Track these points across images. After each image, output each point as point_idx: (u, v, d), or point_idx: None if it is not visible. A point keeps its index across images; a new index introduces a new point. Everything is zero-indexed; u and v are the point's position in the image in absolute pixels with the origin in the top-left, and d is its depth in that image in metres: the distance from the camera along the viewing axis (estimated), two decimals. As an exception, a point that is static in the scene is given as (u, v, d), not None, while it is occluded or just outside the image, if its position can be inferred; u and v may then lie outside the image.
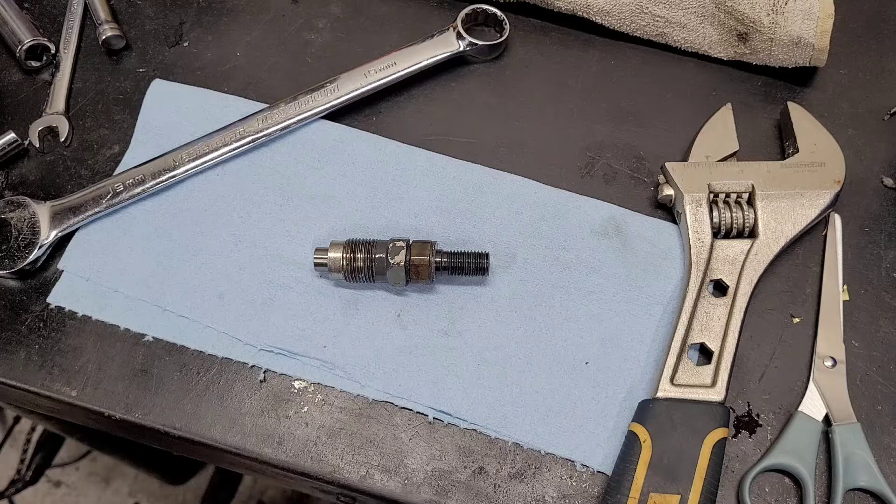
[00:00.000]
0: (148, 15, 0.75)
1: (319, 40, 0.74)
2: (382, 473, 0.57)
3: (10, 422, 1.62)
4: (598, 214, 0.65)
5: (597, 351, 0.60)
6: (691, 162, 0.65)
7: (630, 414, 0.57)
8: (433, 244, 0.61)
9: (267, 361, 0.60)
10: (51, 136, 0.69)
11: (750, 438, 0.58)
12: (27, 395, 0.61)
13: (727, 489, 0.56)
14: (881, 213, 0.66)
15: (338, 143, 0.68)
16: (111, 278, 0.63)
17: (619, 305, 0.62)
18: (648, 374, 0.59)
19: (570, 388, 0.59)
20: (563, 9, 0.72)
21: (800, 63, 0.69)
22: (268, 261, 0.63)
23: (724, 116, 0.68)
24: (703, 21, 0.70)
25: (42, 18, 0.75)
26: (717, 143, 0.66)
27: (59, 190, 0.67)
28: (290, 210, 0.65)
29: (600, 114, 0.70)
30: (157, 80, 0.70)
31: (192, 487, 1.57)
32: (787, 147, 0.67)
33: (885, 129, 0.70)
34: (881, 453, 0.57)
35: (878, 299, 0.63)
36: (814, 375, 0.59)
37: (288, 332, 0.61)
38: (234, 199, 0.66)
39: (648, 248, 0.64)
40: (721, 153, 0.66)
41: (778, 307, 0.62)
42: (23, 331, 0.61)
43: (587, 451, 0.57)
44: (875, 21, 0.75)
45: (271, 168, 0.67)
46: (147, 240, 0.64)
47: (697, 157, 0.66)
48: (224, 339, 0.61)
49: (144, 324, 0.61)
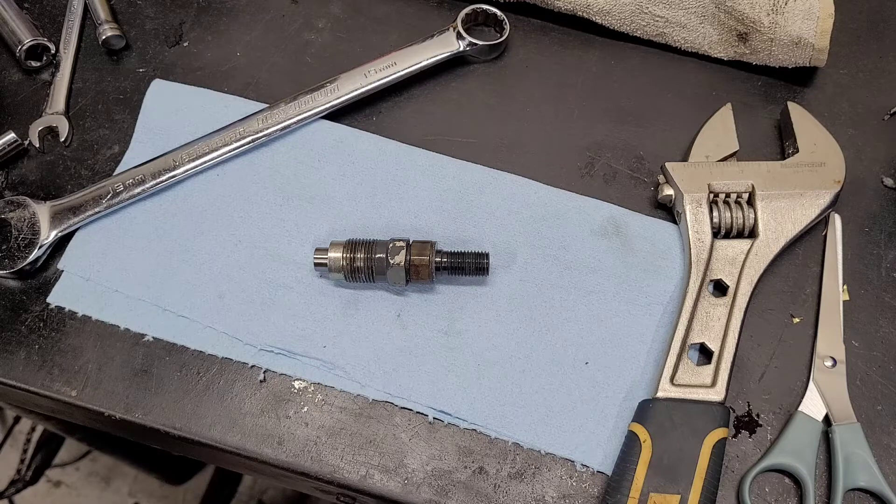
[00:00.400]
0: (148, 15, 0.75)
1: (319, 40, 0.74)
2: (382, 473, 0.57)
3: (10, 422, 1.62)
4: (598, 214, 0.65)
5: (597, 351, 0.60)
6: (691, 162, 0.65)
7: (630, 414, 0.57)
8: (433, 244, 0.61)
9: (267, 361, 0.60)
10: (51, 136, 0.69)
11: (750, 438, 0.58)
12: (27, 395, 0.61)
13: (727, 489, 0.56)
14: (881, 212, 0.66)
15: (338, 143, 0.68)
16: (111, 278, 0.63)
17: (619, 305, 0.62)
18: (648, 374, 0.59)
19: (570, 388, 0.59)
20: (563, 9, 0.72)
21: (800, 63, 0.69)
22: (268, 261, 0.63)
23: (724, 116, 0.68)
24: (704, 21, 0.70)
25: (42, 18, 0.75)
26: (717, 143, 0.66)
27: (59, 190, 0.67)
28: (290, 210, 0.65)
29: (600, 114, 0.70)
30: (157, 80, 0.70)
31: (192, 487, 1.57)
32: (787, 147, 0.67)
33: (885, 129, 0.70)
34: (881, 453, 0.57)
35: (878, 299, 0.63)
36: (814, 375, 0.59)
37: (288, 332, 0.61)
38: (234, 199, 0.66)
39: (648, 248, 0.64)
40: (721, 153, 0.66)
41: (778, 307, 0.62)
42: (23, 331, 0.61)
43: (587, 451, 0.57)
44: (875, 21, 0.75)
45: (271, 168, 0.67)
46: (147, 240, 0.64)
47: (697, 157, 0.66)
48: (224, 339, 0.61)
49: (144, 324, 0.61)
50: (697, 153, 0.66)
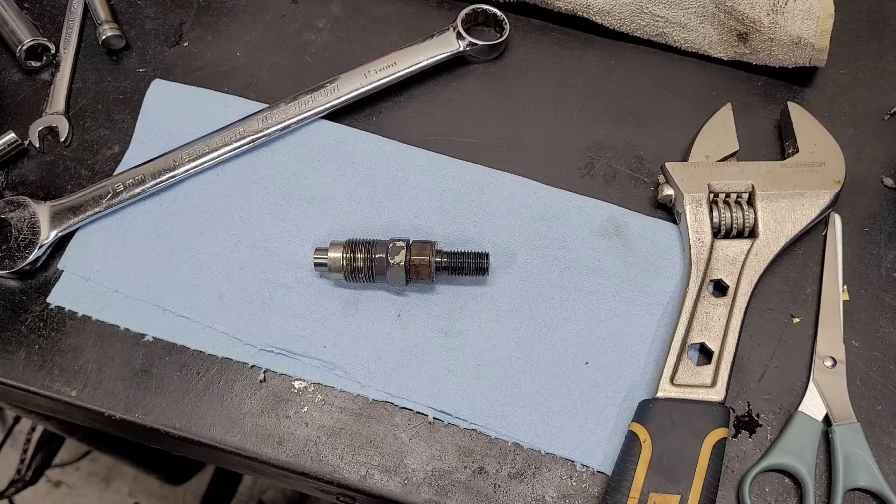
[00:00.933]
0: (148, 15, 0.75)
1: (319, 40, 0.74)
2: (382, 473, 0.57)
3: (11, 422, 1.62)
4: (598, 214, 0.65)
5: (597, 351, 0.60)
6: (691, 162, 0.65)
7: (630, 414, 0.57)
8: (433, 244, 0.61)
9: (267, 361, 0.60)
10: (51, 136, 0.69)
11: (750, 438, 0.58)
12: (27, 395, 0.61)
13: (727, 489, 0.56)
14: (881, 213, 0.66)
15: (338, 143, 0.68)
16: (111, 278, 0.63)
17: (619, 305, 0.62)
18: (648, 374, 0.59)
19: (571, 388, 0.59)
20: (564, 9, 0.72)
21: (800, 63, 0.69)
22: (268, 261, 0.63)
23: (724, 116, 0.68)
24: (704, 21, 0.70)
25: (42, 18, 0.75)
26: (716, 142, 0.66)
27: (59, 190, 0.67)
28: (290, 210, 0.65)
29: (600, 114, 0.70)
30: (156, 80, 0.70)
31: (192, 487, 1.57)
32: (787, 147, 0.67)
33: (885, 129, 0.70)
34: (881, 453, 0.57)
35: (878, 299, 0.63)
36: (814, 375, 0.59)
37: (288, 332, 0.61)
38: (234, 199, 0.66)
39: (648, 248, 0.64)
40: (721, 153, 0.66)
41: (778, 307, 0.62)
42: (23, 331, 0.61)
43: (587, 451, 0.57)
44: (875, 21, 0.75)
45: (271, 168, 0.67)
46: (147, 240, 0.64)
47: (697, 157, 0.66)
48: (224, 339, 0.61)
49: (144, 324, 0.61)
50: (697, 153, 0.66)
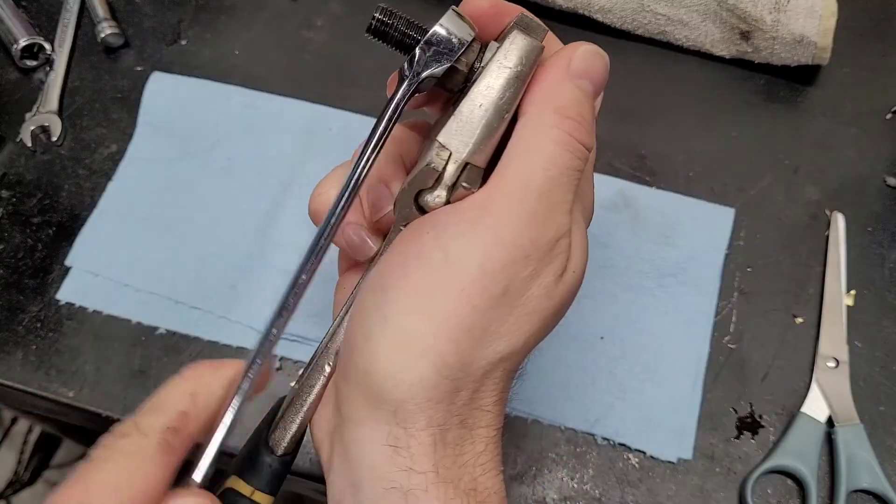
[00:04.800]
0: (146, 13, 0.75)
1: (318, 38, 0.73)
2: (382, 475, 0.56)
3: (8, 423, 1.61)
4: (606, 189, 0.65)
5: (611, 325, 0.60)
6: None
7: (647, 387, 0.57)
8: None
9: (282, 349, 0.59)
10: (43, 136, 0.68)
11: (752, 440, 0.58)
12: (24, 396, 0.61)
13: (730, 491, 0.56)
14: (885, 212, 0.66)
15: (344, 130, 0.67)
16: (120, 273, 0.62)
17: (631, 279, 0.61)
18: (664, 348, 0.58)
19: (586, 364, 0.59)
20: (564, 7, 0.71)
21: (802, 61, 0.69)
22: (279, 249, 0.63)
23: None
24: (706, 19, 0.70)
25: (39, 17, 0.74)
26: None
27: (58, 189, 0.66)
28: (296, 198, 0.64)
29: (601, 112, 0.70)
30: (156, 73, 0.70)
31: (191, 488, 1.56)
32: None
33: (888, 128, 0.69)
34: (884, 454, 0.57)
35: (881, 299, 0.62)
36: (816, 376, 0.59)
37: (302, 318, 0.60)
38: (240, 189, 0.65)
39: (659, 220, 0.64)
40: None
41: (780, 307, 0.62)
42: (20, 331, 0.61)
43: (606, 425, 0.57)
44: (878, 19, 0.75)
45: (278, 156, 0.66)
46: (156, 233, 0.64)
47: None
48: (238, 328, 0.60)
49: (157, 317, 0.61)
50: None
